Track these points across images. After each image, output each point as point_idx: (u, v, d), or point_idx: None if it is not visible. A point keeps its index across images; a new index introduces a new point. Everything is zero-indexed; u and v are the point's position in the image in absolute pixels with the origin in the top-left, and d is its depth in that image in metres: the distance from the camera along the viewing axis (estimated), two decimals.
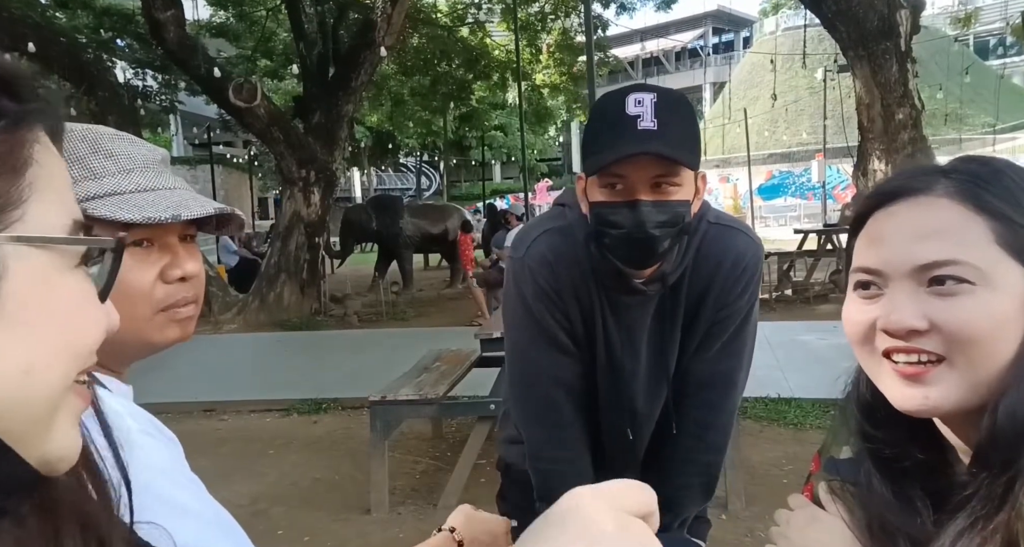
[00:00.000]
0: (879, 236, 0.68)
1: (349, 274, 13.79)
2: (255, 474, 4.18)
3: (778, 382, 5.05)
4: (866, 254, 0.69)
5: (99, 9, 14.25)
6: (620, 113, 1.11)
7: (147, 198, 0.78)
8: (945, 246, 0.63)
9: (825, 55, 22.85)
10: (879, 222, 0.69)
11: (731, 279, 1.29)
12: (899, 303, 0.65)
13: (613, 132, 1.12)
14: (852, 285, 0.71)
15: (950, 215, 0.64)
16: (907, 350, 0.64)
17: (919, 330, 0.63)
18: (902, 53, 7.64)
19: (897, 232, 0.66)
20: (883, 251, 0.67)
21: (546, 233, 1.31)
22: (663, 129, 1.10)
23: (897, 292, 0.65)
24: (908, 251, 0.65)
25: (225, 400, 5.65)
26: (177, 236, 0.82)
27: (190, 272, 0.82)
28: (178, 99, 17.74)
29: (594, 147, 1.16)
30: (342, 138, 10.69)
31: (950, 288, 0.62)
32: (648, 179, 1.12)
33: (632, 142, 1.09)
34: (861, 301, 0.69)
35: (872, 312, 0.67)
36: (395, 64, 14.98)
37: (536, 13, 15.61)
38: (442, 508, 3.51)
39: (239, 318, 9.64)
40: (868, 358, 0.69)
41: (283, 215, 10.42)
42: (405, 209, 12.83)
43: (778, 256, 10.32)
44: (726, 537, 3.12)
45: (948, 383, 0.63)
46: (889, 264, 0.66)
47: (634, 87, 1.16)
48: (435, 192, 39.10)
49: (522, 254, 1.32)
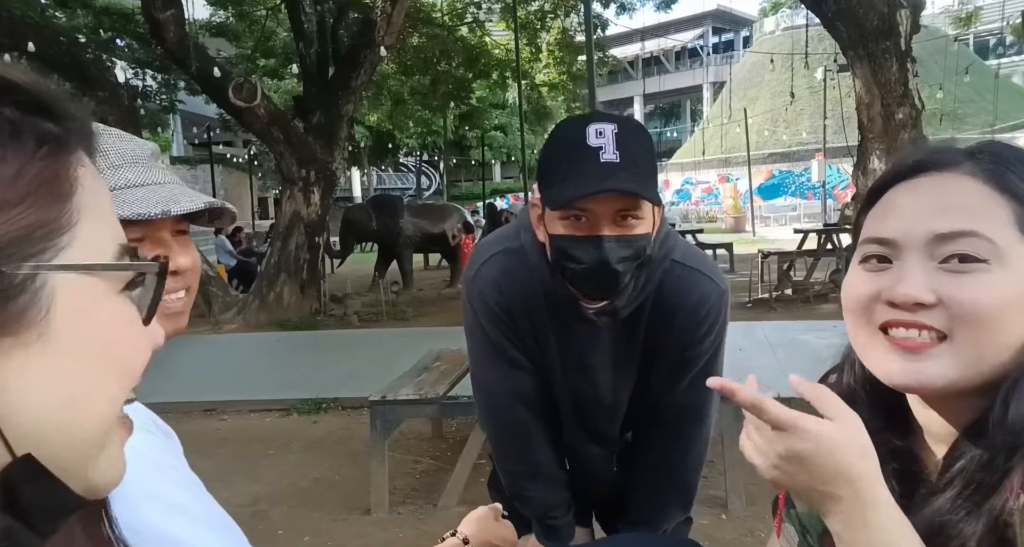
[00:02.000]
0: (896, 207, 0.66)
1: (349, 274, 13.79)
2: (255, 474, 4.18)
3: (778, 381, 5.04)
4: (880, 224, 0.67)
5: (98, 9, 14.26)
6: (581, 144, 1.09)
7: (137, 194, 0.78)
8: (966, 217, 0.62)
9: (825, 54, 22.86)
10: (898, 194, 0.67)
11: (693, 323, 1.28)
12: (908, 274, 0.63)
13: (575, 165, 1.09)
14: (859, 257, 0.69)
15: (972, 193, 0.63)
16: (908, 324, 0.63)
17: (925, 304, 0.61)
18: (902, 53, 7.63)
19: (916, 203, 0.65)
20: (899, 221, 0.65)
21: (498, 254, 1.31)
22: (626, 161, 1.08)
23: (907, 264, 0.64)
24: (926, 221, 0.63)
25: (225, 400, 5.65)
26: (169, 231, 0.82)
27: (182, 266, 0.83)
28: (178, 99, 17.74)
29: (555, 179, 1.13)
30: (342, 138, 10.69)
31: (963, 266, 0.61)
32: (612, 213, 1.10)
33: (597, 177, 1.07)
34: (867, 273, 0.67)
35: (878, 283, 0.65)
36: (395, 63, 14.97)
37: (536, 12, 15.61)
38: (442, 508, 3.51)
39: (239, 318, 9.64)
40: (862, 330, 0.67)
41: (283, 215, 10.42)
42: (405, 209, 12.82)
43: (778, 256, 10.32)
44: (726, 537, 3.12)
45: (946, 361, 0.62)
46: (905, 233, 0.64)
47: (594, 116, 1.13)
48: (435, 192, 39.10)
49: (472, 275, 1.33)
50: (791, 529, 0.80)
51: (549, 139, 1.21)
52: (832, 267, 9.91)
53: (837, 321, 0.86)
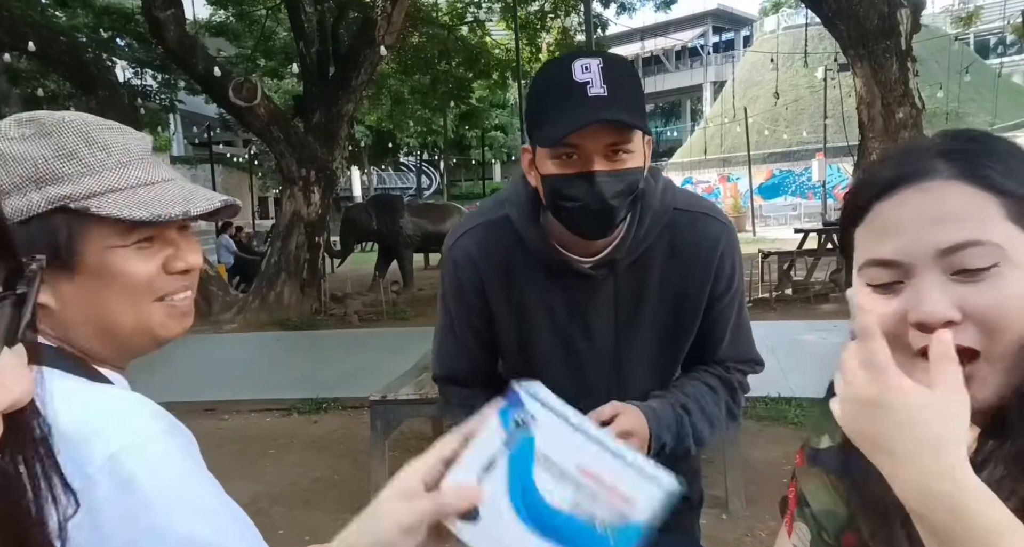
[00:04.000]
0: (891, 226, 0.65)
1: (349, 273, 13.79)
2: (255, 474, 4.18)
3: (778, 382, 5.05)
4: (878, 246, 0.66)
5: (99, 8, 14.28)
6: (568, 80, 1.08)
7: (151, 193, 0.77)
8: (963, 227, 0.61)
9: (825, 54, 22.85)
10: (886, 212, 0.66)
11: (711, 267, 1.28)
12: (928, 293, 0.61)
13: (564, 101, 1.09)
14: (866, 281, 0.67)
15: (961, 198, 0.62)
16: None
17: (954, 321, 0.60)
18: (902, 52, 7.63)
19: (910, 220, 0.63)
20: (900, 241, 0.64)
21: (477, 227, 1.31)
22: (614, 94, 1.07)
23: (923, 282, 0.62)
24: (927, 237, 0.62)
25: (225, 400, 5.65)
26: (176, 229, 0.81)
27: (193, 264, 0.82)
28: (178, 98, 17.75)
29: (544, 117, 1.12)
30: (342, 137, 10.69)
31: (976, 276, 0.60)
32: (603, 148, 1.10)
33: (586, 111, 1.06)
34: (882, 297, 0.65)
35: (896, 305, 0.64)
36: (395, 63, 14.98)
37: (536, 12, 15.61)
38: None
39: (239, 317, 9.64)
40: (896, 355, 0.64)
41: (283, 214, 10.42)
42: (405, 208, 12.82)
43: (778, 255, 10.31)
44: (726, 537, 3.12)
45: (988, 381, 0.61)
46: (909, 253, 0.63)
47: (578, 53, 1.12)
48: (435, 191, 39.10)
49: (450, 245, 1.34)
50: (803, 527, 0.80)
51: (534, 82, 1.19)
52: (833, 267, 9.90)
53: (838, 321, 0.86)
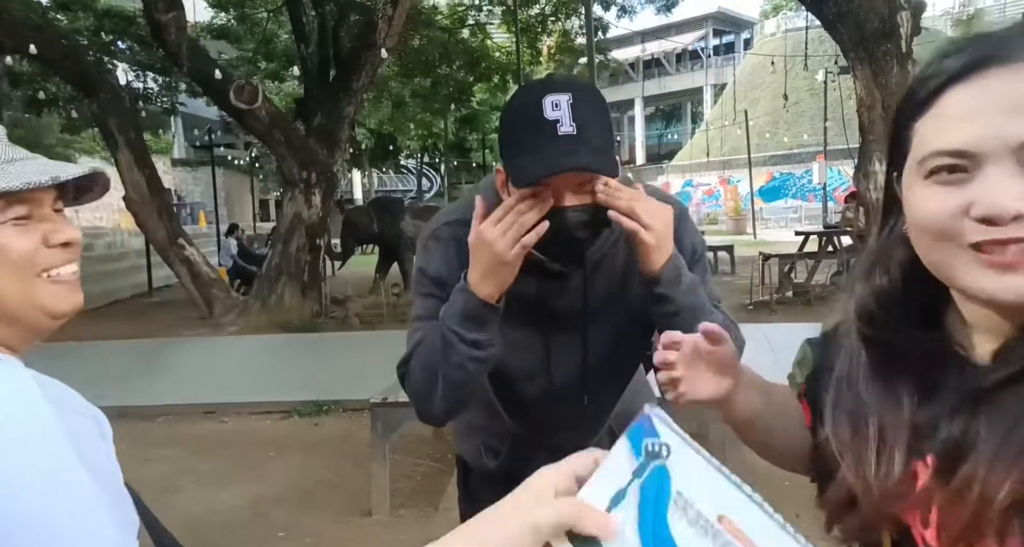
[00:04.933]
0: (964, 112, 0.60)
1: (350, 276, 13.79)
2: (256, 476, 4.17)
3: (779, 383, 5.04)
4: (946, 134, 0.61)
5: (100, 11, 14.29)
6: (539, 117, 1.12)
7: (15, 167, 0.77)
8: None
9: (826, 56, 22.86)
10: (956, 98, 0.61)
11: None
12: (1000, 185, 0.57)
13: (536, 140, 1.13)
14: (925, 172, 0.62)
15: None
16: (1006, 241, 0.58)
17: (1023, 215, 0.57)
18: (903, 54, 7.63)
19: (988, 106, 0.58)
20: (973, 128, 0.59)
21: (454, 223, 1.34)
22: (583, 133, 1.11)
23: (993, 174, 0.58)
24: (1004, 126, 0.57)
25: (226, 402, 5.65)
26: (51, 207, 0.82)
27: (73, 237, 0.82)
28: (179, 101, 17.77)
29: (517, 152, 1.16)
30: (343, 140, 10.70)
31: None
32: (572, 185, 1.15)
33: (557, 154, 1.10)
34: (941, 188, 0.61)
35: (961, 197, 0.59)
36: (396, 66, 15.00)
37: (537, 15, 15.62)
38: (443, 510, 3.50)
39: (240, 320, 9.64)
40: (944, 249, 0.62)
41: (284, 217, 10.43)
42: (406, 211, 12.83)
43: (779, 258, 10.32)
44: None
45: None
46: (984, 142, 0.58)
47: (549, 85, 1.15)
48: (436, 194, 39.12)
49: (427, 236, 1.37)
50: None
51: (508, 108, 1.22)
52: (833, 269, 9.90)
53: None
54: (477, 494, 1.61)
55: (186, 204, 25.87)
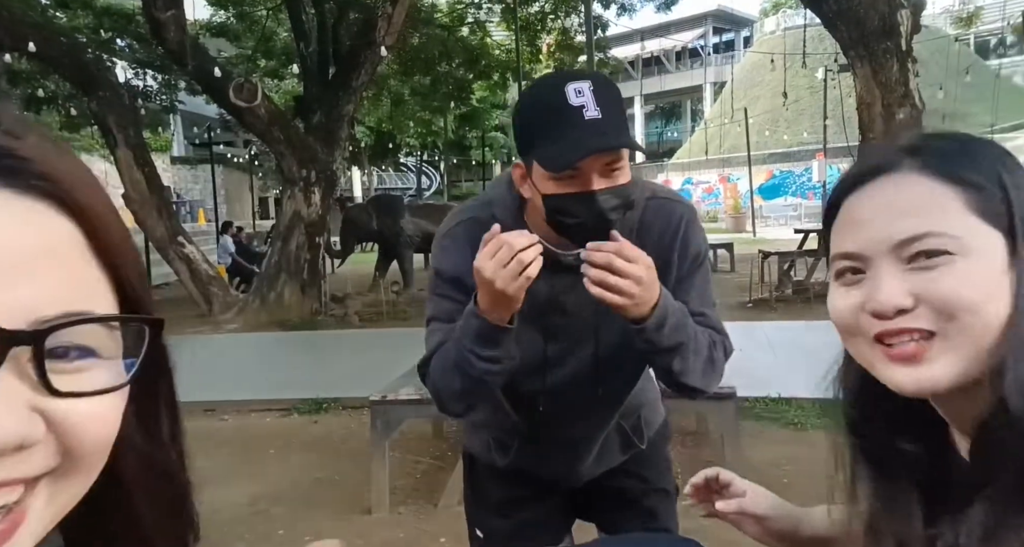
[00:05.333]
0: (855, 220, 0.67)
1: (350, 274, 13.80)
2: (255, 474, 4.18)
3: (778, 382, 5.05)
4: (844, 240, 0.68)
5: (99, 9, 14.26)
6: (563, 105, 1.15)
7: None
8: (921, 220, 0.63)
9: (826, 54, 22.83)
10: (852, 206, 0.68)
11: (676, 242, 1.37)
12: (882, 283, 0.64)
13: (563, 126, 1.17)
14: (834, 274, 0.70)
15: (922, 190, 0.64)
16: (898, 332, 0.63)
17: (906, 308, 0.62)
18: (903, 53, 7.63)
19: (872, 213, 0.66)
20: (861, 234, 0.66)
21: (468, 221, 1.37)
22: (607, 117, 1.15)
23: (879, 272, 0.64)
24: (886, 229, 0.64)
25: (225, 400, 5.65)
26: None
27: None
28: (178, 99, 17.75)
29: (544, 141, 1.19)
30: (342, 138, 10.69)
31: (930, 262, 0.62)
32: (600, 167, 1.18)
33: (587, 137, 1.15)
34: (844, 289, 0.68)
35: (856, 297, 0.66)
36: (395, 64, 14.98)
37: (536, 13, 15.60)
38: (443, 508, 3.51)
39: (239, 318, 9.64)
40: (860, 348, 0.68)
41: (283, 215, 10.42)
42: (406, 208, 12.82)
43: (779, 256, 10.32)
44: (727, 537, 3.11)
45: (945, 358, 0.62)
46: (868, 245, 0.65)
47: (568, 75, 1.20)
48: (436, 192, 39.10)
49: (441, 235, 1.40)
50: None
51: (526, 101, 1.25)
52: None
53: None
54: (484, 488, 1.61)
55: (185, 202, 25.85)
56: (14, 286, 0.35)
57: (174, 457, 0.48)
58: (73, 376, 0.37)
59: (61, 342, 0.37)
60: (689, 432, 4.46)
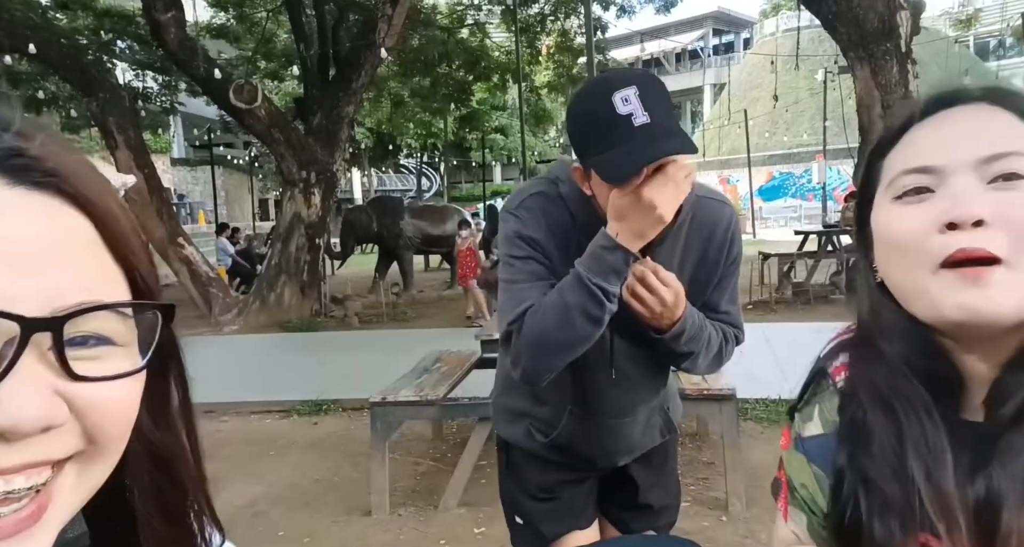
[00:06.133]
0: (929, 140, 0.66)
1: (349, 275, 13.80)
2: (255, 475, 4.18)
3: (778, 384, 5.05)
4: (915, 156, 0.66)
5: (99, 11, 14.27)
6: (612, 116, 1.18)
7: None
8: (1006, 142, 0.62)
9: (825, 56, 22.85)
10: (923, 132, 0.67)
11: (724, 243, 1.46)
12: (963, 192, 0.62)
13: (614, 137, 1.19)
14: (893, 194, 0.67)
15: (1000, 120, 0.64)
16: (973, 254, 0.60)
17: (984, 220, 0.60)
18: (903, 54, 7.63)
19: (952, 132, 0.65)
20: (938, 148, 0.65)
21: (538, 195, 1.43)
22: (656, 120, 1.17)
23: (957, 185, 0.62)
24: (967, 147, 0.63)
25: (225, 401, 5.65)
26: None
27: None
28: (178, 100, 17.74)
29: (598, 150, 1.22)
30: (343, 139, 10.69)
31: (1011, 184, 0.61)
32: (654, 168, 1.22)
33: (639, 147, 1.17)
34: (908, 208, 0.65)
35: (927, 212, 0.63)
36: (395, 65, 14.98)
37: (536, 15, 15.61)
38: (443, 509, 3.50)
39: (239, 319, 9.64)
40: (917, 273, 0.64)
41: (283, 216, 10.42)
42: (406, 210, 12.83)
43: (778, 257, 10.32)
44: (726, 539, 3.12)
45: (1006, 288, 0.60)
46: (948, 158, 0.63)
47: (613, 82, 1.21)
48: (435, 193, 39.11)
49: (515, 206, 1.44)
50: (799, 513, 0.79)
51: (576, 111, 1.27)
52: (832, 269, 9.90)
53: (837, 323, 0.86)
54: (521, 473, 1.64)
55: (185, 203, 25.87)
56: (33, 276, 0.36)
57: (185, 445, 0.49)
58: (92, 362, 0.39)
59: (79, 330, 0.38)
60: (689, 433, 4.45)
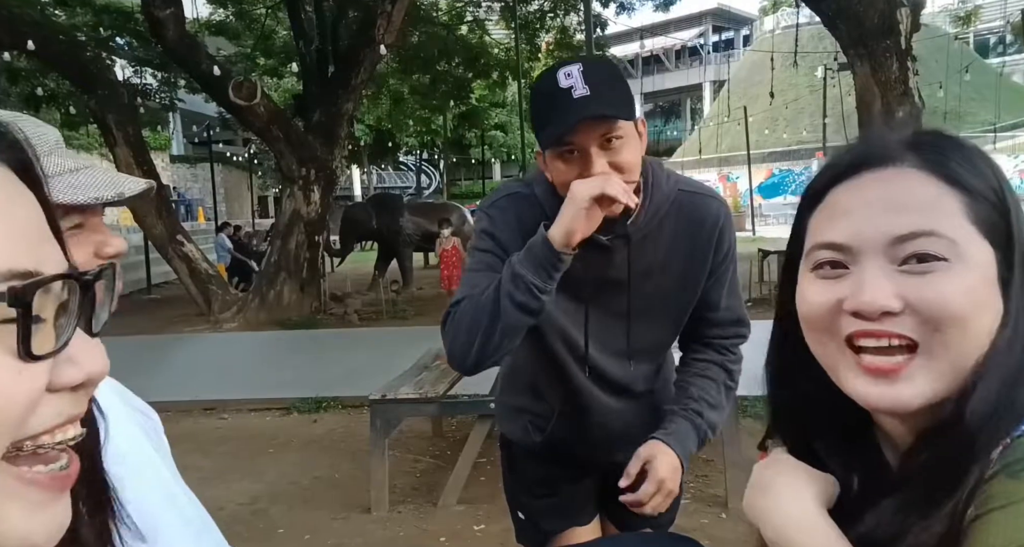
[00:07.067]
0: (845, 209, 0.62)
1: (349, 272, 13.80)
2: (255, 473, 4.18)
3: None
4: (829, 229, 0.63)
5: (98, 7, 14.24)
6: (555, 89, 1.23)
7: (79, 179, 0.77)
8: (921, 218, 0.58)
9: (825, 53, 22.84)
10: (842, 195, 0.64)
11: (713, 238, 1.45)
12: (871, 281, 0.59)
13: (554, 107, 1.24)
14: (811, 265, 0.64)
15: (923, 188, 0.60)
16: (878, 334, 0.59)
17: (892, 311, 0.58)
18: (902, 51, 7.62)
19: (867, 204, 0.61)
20: (852, 224, 0.61)
21: (512, 195, 1.46)
22: (595, 92, 1.21)
23: (867, 269, 0.60)
24: (882, 223, 0.59)
25: (225, 399, 5.65)
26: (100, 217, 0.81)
27: (121, 248, 0.81)
28: (178, 97, 17.72)
29: (541, 123, 1.28)
30: (342, 136, 10.68)
31: (923, 266, 0.58)
32: (596, 140, 1.24)
33: (572, 111, 1.22)
34: (821, 282, 0.63)
35: (837, 292, 0.61)
36: (395, 62, 14.96)
37: (535, 11, 15.60)
38: (442, 507, 3.51)
39: (239, 317, 9.64)
40: (827, 348, 0.63)
41: (283, 213, 10.42)
42: (405, 207, 12.82)
43: (778, 255, 10.31)
44: (726, 536, 3.12)
45: (922, 377, 0.58)
46: (860, 237, 0.60)
47: (562, 62, 1.28)
48: (435, 190, 39.10)
49: (488, 205, 1.49)
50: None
51: (533, 92, 1.35)
52: None
53: None
54: (522, 469, 1.66)
55: (185, 200, 25.85)
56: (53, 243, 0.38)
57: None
58: None
59: None
60: None
